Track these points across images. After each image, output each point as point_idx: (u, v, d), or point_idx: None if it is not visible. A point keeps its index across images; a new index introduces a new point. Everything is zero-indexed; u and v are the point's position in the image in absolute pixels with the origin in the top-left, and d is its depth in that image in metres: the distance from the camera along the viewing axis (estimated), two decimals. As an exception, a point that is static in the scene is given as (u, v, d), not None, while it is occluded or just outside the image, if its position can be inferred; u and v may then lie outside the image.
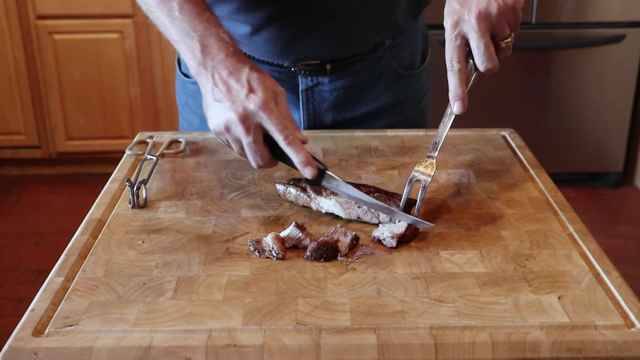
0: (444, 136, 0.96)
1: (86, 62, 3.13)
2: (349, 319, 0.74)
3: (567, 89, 3.09)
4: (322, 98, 1.24)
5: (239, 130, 0.89)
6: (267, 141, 0.91)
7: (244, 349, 0.70)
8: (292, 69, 1.21)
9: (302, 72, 1.21)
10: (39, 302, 0.77)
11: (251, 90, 0.89)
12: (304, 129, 1.26)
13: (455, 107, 0.95)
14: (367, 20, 1.19)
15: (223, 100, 0.90)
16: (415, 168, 0.96)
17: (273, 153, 0.92)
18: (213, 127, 0.93)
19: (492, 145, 1.19)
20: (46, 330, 0.73)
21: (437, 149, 0.96)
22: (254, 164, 0.92)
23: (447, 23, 0.94)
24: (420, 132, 1.24)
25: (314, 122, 1.26)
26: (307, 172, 0.90)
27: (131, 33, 3.08)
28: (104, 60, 3.13)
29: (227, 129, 0.90)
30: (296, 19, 1.15)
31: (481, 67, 0.94)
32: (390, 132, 1.23)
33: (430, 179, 0.94)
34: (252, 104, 0.88)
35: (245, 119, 0.88)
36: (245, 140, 0.90)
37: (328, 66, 1.21)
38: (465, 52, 0.95)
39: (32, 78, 3.15)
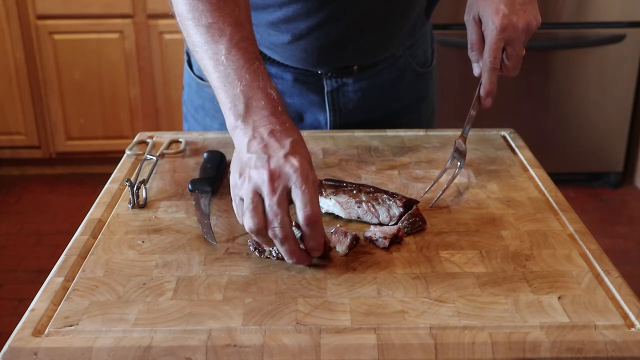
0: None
1: (86, 62, 3.13)
2: (349, 319, 0.74)
3: (567, 89, 3.09)
4: (347, 99, 1.24)
5: (265, 188, 0.78)
6: None
7: (244, 349, 0.70)
8: (319, 72, 1.21)
9: (328, 74, 1.21)
10: (39, 302, 0.77)
11: (291, 153, 0.80)
12: (330, 129, 1.26)
13: (488, 101, 1.04)
14: (401, 25, 1.20)
15: (259, 152, 0.80)
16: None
17: None
18: (234, 179, 0.82)
19: (492, 145, 1.19)
20: (46, 330, 0.73)
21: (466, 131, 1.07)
22: (271, 233, 0.79)
23: (495, 23, 1.00)
24: (420, 132, 1.24)
25: (340, 123, 1.25)
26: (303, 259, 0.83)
27: (131, 33, 3.08)
28: (104, 60, 3.13)
29: (253, 184, 0.79)
30: (338, 29, 1.14)
31: (511, 74, 1.04)
32: (390, 132, 1.23)
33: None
34: (290, 166, 0.79)
35: (277, 178, 0.78)
36: (269, 201, 0.78)
37: (355, 67, 1.22)
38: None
39: (32, 78, 3.15)
